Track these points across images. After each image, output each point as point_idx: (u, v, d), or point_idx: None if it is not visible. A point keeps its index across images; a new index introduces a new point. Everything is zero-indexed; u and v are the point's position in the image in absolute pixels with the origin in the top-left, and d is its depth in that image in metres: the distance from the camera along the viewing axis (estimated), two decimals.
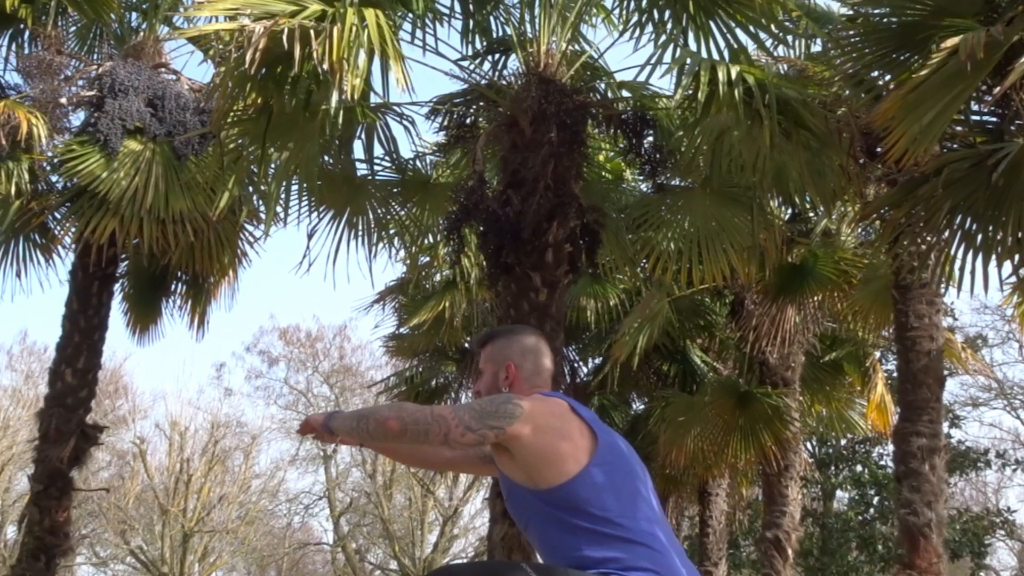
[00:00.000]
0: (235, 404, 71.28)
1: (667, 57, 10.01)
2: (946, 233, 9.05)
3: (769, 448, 15.25)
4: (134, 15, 14.19)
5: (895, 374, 11.88)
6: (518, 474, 4.03)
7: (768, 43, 10.40)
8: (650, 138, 11.21)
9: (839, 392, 17.94)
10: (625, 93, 11.90)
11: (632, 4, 10.27)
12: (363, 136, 11.52)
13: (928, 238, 9.27)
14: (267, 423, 48.67)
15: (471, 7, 11.16)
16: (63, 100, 13.14)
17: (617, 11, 11.26)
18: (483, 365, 4.47)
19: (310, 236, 11.60)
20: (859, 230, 14.95)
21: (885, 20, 8.84)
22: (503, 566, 3.83)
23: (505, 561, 3.68)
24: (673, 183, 11.76)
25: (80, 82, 13.49)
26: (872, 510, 34.03)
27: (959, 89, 7.77)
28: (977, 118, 9.19)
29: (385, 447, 4.80)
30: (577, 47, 11.41)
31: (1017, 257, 8.66)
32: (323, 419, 4.30)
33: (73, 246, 13.64)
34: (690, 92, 9.39)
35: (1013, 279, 8.84)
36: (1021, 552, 46.45)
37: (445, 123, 11.60)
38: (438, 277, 17.42)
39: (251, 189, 11.65)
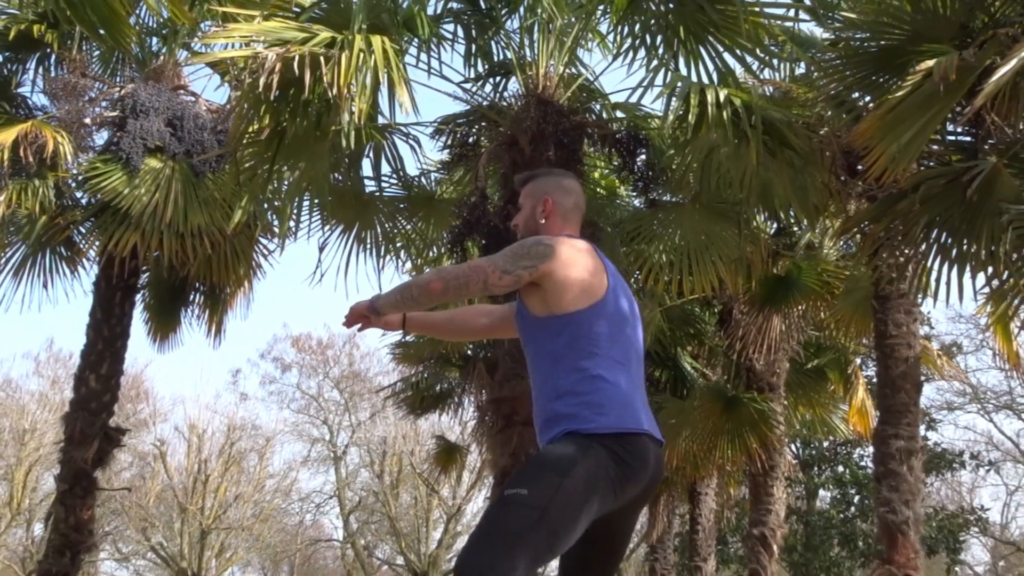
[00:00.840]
0: (250, 408, 71.50)
1: (659, 80, 10.07)
2: (923, 246, 9.05)
3: (755, 450, 15.24)
4: (155, 40, 14.21)
5: (875, 380, 11.86)
6: (537, 303, 4.21)
7: (754, 66, 10.39)
8: (643, 156, 11.22)
9: (822, 397, 17.92)
10: (619, 114, 11.91)
11: (626, 30, 10.26)
12: (371, 155, 11.53)
13: (906, 251, 9.27)
14: (280, 426, 48.72)
15: (473, 32, 11.17)
16: (87, 120, 13.14)
17: (612, 36, 11.26)
18: (523, 200, 4.60)
19: (321, 249, 11.62)
20: (841, 243, 14.94)
21: (865, 44, 8.84)
22: (501, 506, 3.86)
23: (499, 499, 3.75)
24: (664, 199, 11.77)
25: (103, 103, 13.51)
26: (853, 508, 34.04)
27: (935, 110, 7.78)
28: (952, 137, 9.20)
29: (428, 321, 4.81)
30: (574, 70, 11.42)
31: (990, 269, 8.65)
32: (368, 303, 4.42)
33: (97, 259, 13.65)
34: (681, 113, 9.38)
35: (986, 290, 8.83)
36: (994, 548, 46.53)
37: (449, 142, 11.61)
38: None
39: (265, 205, 11.63)
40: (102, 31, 8.48)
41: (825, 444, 34.09)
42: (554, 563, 4.10)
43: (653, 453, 4.06)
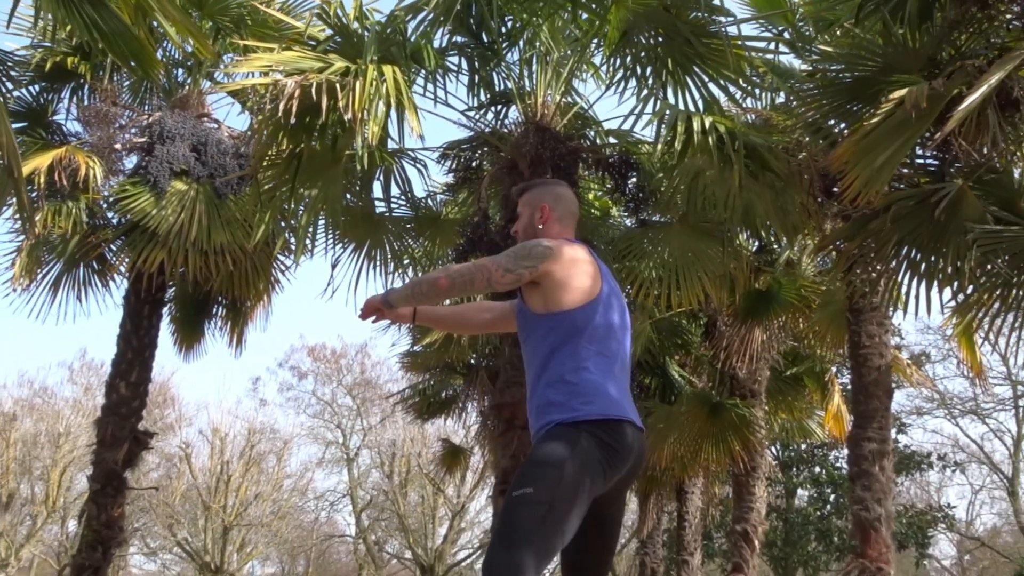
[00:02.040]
0: (269, 413, 71.03)
1: (649, 108, 10.03)
2: (894, 263, 9.03)
3: (738, 452, 15.20)
4: (180, 71, 14.21)
5: (849, 387, 11.84)
6: (535, 300, 4.25)
7: (738, 96, 10.40)
8: (634, 179, 11.19)
9: (800, 403, 17.90)
10: (612, 140, 11.88)
11: (618, 61, 10.26)
12: (381, 177, 11.51)
13: (878, 267, 9.24)
14: (297, 430, 48.79)
15: (476, 64, 11.15)
16: (118, 146, 13.13)
17: (605, 68, 11.26)
18: (521, 209, 4.64)
19: (334, 266, 11.60)
20: (817, 260, 14.92)
21: (840, 75, 8.83)
22: (510, 507, 3.86)
23: (507, 501, 3.81)
24: (654, 219, 11.72)
25: (133, 130, 13.49)
26: (829, 507, 34.04)
27: (906, 136, 7.75)
28: (921, 161, 9.18)
29: (435, 314, 4.86)
30: (570, 99, 11.40)
31: (956, 284, 8.64)
32: (382, 297, 4.47)
33: (127, 274, 13.64)
34: (669, 139, 9.36)
35: (952, 303, 8.82)
36: (960, 543, 46.52)
37: (453, 166, 11.58)
38: (447, 302, 17.39)
39: (283, 224, 11.62)
40: (132, 63, 8.45)
41: (803, 447, 34.11)
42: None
43: (636, 438, 4.09)
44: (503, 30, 10.99)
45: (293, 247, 12.53)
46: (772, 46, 11.57)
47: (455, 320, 4.94)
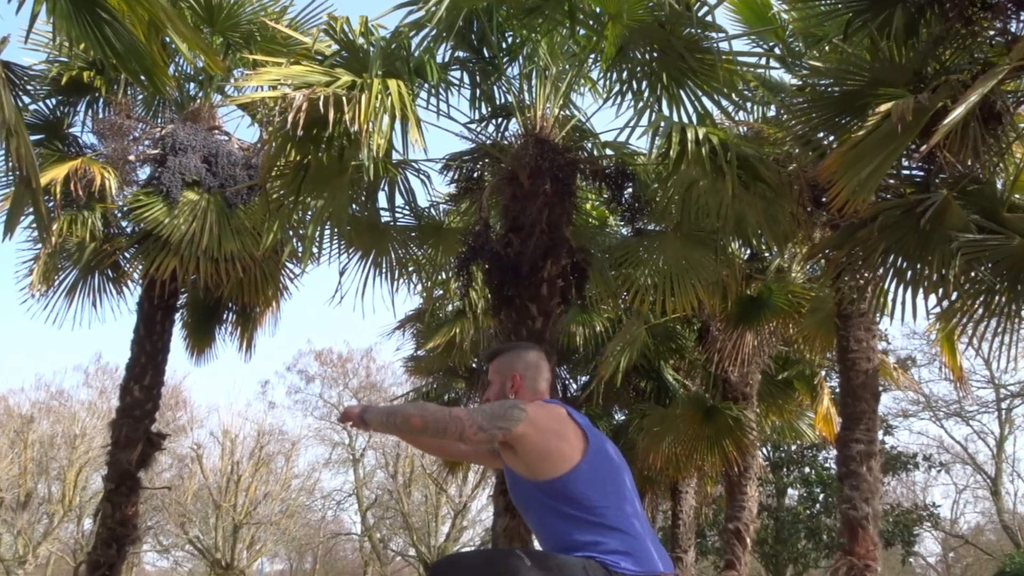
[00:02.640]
0: (277, 415, 71.65)
1: (644, 120, 10.06)
2: (881, 270, 9.02)
3: (731, 453, 15.20)
4: (192, 85, 14.21)
5: (838, 390, 11.84)
6: (520, 467, 4.05)
7: (730, 108, 10.36)
8: (629, 189, 11.17)
9: (790, 405, 17.91)
10: (608, 151, 11.85)
11: (615, 75, 10.24)
12: (386, 188, 11.49)
13: (865, 274, 9.23)
14: (305, 431, 49.10)
15: (478, 78, 11.14)
16: (131, 157, 13.15)
17: (602, 82, 11.22)
18: (492, 376, 4.46)
19: (341, 273, 11.58)
20: (807, 268, 14.91)
21: (829, 89, 8.82)
22: (501, 553, 3.80)
23: (504, 549, 3.71)
24: (649, 228, 11.70)
25: (146, 142, 13.51)
26: (818, 506, 34.05)
27: (892, 148, 7.73)
28: (907, 172, 9.17)
29: (410, 438, 4.65)
30: (568, 112, 11.37)
31: (941, 290, 8.63)
32: (359, 412, 4.26)
33: (140, 281, 13.66)
34: (663, 150, 9.36)
35: (937, 309, 8.81)
36: (944, 541, 46.54)
37: (456, 177, 11.55)
38: (450, 308, 17.41)
39: (291, 233, 11.61)
40: (144, 79, 8.46)
41: (793, 448, 34.13)
42: None
43: None
44: (503, 45, 10.99)
45: (301, 254, 12.53)
46: (763, 61, 11.56)
47: (431, 447, 4.87)
